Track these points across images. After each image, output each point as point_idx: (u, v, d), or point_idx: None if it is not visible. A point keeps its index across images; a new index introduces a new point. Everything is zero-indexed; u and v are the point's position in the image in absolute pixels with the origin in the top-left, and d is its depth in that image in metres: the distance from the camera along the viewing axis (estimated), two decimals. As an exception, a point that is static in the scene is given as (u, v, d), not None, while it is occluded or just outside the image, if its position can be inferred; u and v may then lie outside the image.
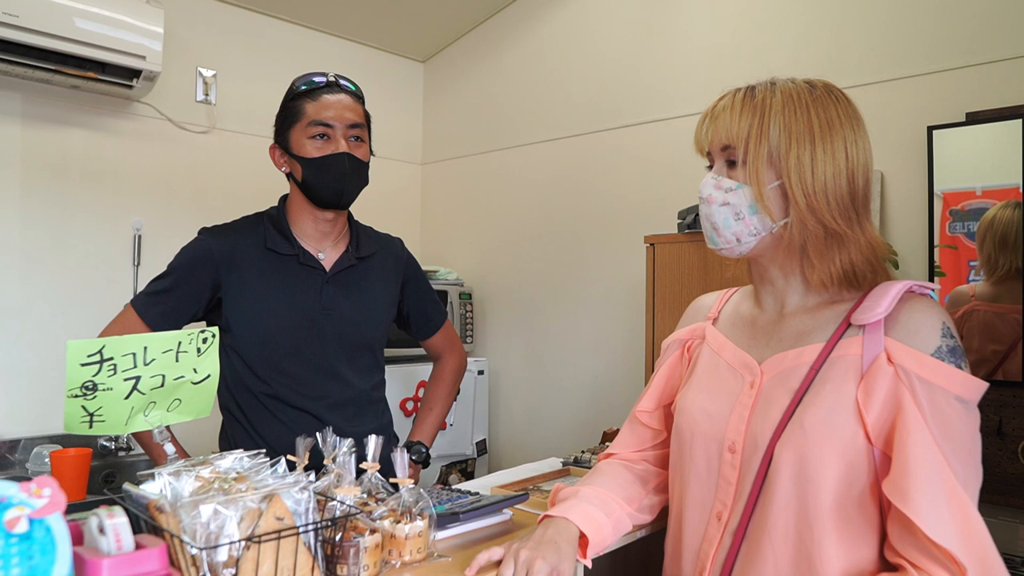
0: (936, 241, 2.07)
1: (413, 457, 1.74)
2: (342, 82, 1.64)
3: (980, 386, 0.91)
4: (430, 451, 1.82)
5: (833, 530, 0.93)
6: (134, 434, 1.79)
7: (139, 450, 2.45)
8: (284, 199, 1.71)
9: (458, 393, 2.00)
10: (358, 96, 1.66)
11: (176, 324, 1.59)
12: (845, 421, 0.93)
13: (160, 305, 1.58)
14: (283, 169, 1.66)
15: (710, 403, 1.08)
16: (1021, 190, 1.94)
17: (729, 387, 1.08)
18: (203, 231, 1.66)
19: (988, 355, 1.98)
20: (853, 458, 0.92)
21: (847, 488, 0.93)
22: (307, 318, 1.62)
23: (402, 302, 1.83)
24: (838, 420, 0.93)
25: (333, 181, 1.59)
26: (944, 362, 0.91)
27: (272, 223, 1.66)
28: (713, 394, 1.09)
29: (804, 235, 1.01)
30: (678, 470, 1.12)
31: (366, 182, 1.66)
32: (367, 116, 1.67)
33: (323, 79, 1.62)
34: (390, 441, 1.76)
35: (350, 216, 1.76)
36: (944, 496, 0.85)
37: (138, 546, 0.79)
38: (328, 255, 1.68)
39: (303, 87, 1.62)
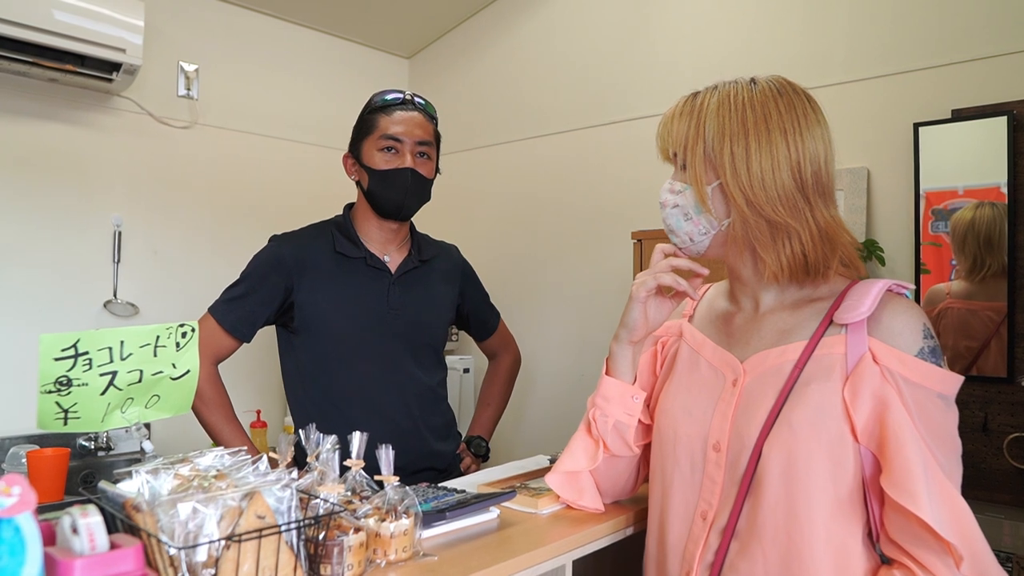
0: (921, 238, 2.07)
1: (473, 451, 1.94)
2: (416, 100, 1.74)
3: (957, 381, 0.95)
4: (489, 445, 1.99)
5: (822, 527, 0.93)
6: (214, 433, 1.72)
7: (119, 450, 2.41)
8: (349, 207, 1.84)
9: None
10: (430, 115, 1.76)
11: (253, 328, 1.71)
12: (832, 420, 0.94)
13: (237, 311, 1.68)
14: (353, 177, 1.78)
15: (692, 402, 1.08)
16: (1006, 187, 1.94)
17: (711, 385, 1.08)
18: (274, 238, 1.78)
19: (962, 351, 1.99)
20: (840, 456, 0.93)
21: (834, 486, 0.93)
22: (376, 317, 1.72)
23: (462, 305, 1.96)
24: (825, 419, 0.94)
25: (395, 194, 1.70)
26: (927, 362, 0.93)
27: (339, 229, 1.77)
28: (694, 393, 1.09)
29: (748, 231, 1.02)
30: (660, 470, 1.12)
31: (428, 198, 1.78)
32: (437, 136, 1.78)
33: (399, 96, 1.72)
34: (455, 437, 1.92)
35: (411, 224, 1.88)
36: (937, 490, 0.87)
37: (113, 546, 0.76)
38: (393, 258, 1.79)
39: (379, 102, 1.72)
